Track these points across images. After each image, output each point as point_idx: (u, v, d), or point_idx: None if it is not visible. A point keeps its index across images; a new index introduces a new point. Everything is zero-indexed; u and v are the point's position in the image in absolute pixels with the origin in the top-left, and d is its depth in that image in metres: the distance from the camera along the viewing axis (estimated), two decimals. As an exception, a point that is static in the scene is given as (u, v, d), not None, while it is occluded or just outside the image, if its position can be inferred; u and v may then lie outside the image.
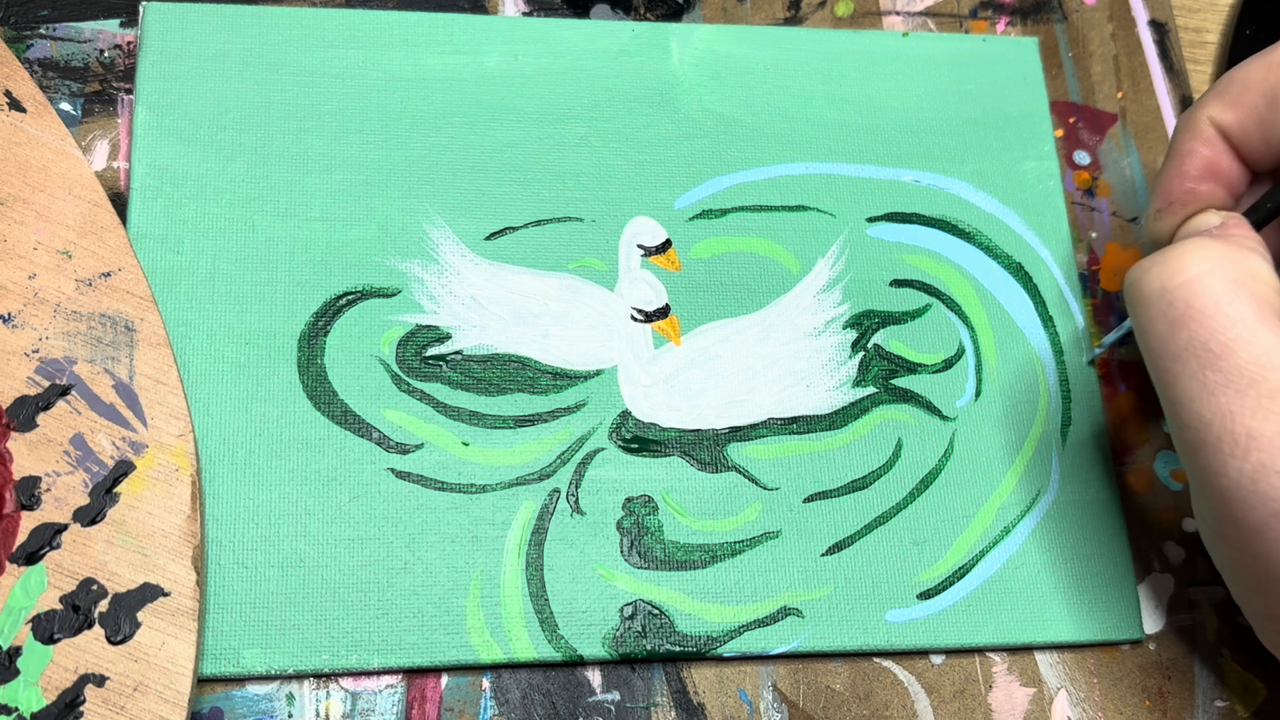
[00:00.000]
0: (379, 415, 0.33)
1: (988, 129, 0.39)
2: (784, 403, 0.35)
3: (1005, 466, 0.35)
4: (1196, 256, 0.27)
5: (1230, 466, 0.26)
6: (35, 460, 0.30)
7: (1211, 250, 0.27)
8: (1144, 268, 0.28)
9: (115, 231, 0.32)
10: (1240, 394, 0.26)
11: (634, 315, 0.35)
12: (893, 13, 0.41)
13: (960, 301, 0.37)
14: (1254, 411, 0.25)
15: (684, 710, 0.32)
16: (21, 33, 0.36)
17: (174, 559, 0.29)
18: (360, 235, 0.34)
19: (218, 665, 0.30)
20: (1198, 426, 0.26)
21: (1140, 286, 0.28)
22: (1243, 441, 0.25)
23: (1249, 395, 0.25)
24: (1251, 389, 0.25)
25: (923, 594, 0.34)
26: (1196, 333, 0.26)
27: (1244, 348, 0.26)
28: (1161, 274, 0.27)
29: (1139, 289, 0.28)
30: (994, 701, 0.33)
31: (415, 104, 0.36)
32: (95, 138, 0.35)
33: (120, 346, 0.31)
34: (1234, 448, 0.26)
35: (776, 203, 0.37)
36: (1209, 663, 0.35)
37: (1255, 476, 0.25)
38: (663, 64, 0.38)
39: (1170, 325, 0.27)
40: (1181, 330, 0.27)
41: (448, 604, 0.31)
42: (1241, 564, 0.27)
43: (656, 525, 0.33)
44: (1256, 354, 0.26)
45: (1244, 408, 0.25)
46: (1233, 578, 0.29)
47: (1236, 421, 0.25)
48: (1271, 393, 0.25)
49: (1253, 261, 0.27)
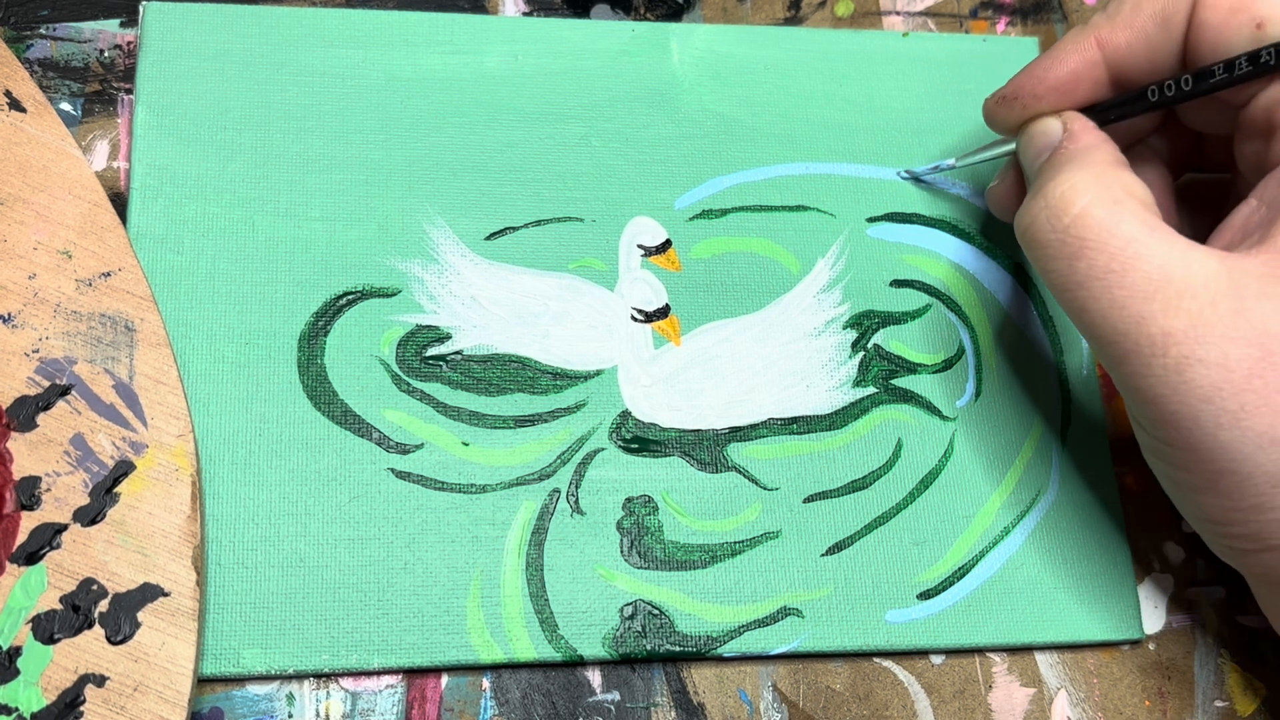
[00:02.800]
0: (379, 415, 0.33)
1: (988, 129, 0.39)
2: (784, 403, 0.35)
3: (1005, 466, 0.35)
4: (1075, 192, 0.29)
5: (1154, 365, 0.27)
6: (35, 460, 0.30)
7: (1086, 181, 0.29)
8: (1031, 214, 0.30)
9: (115, 231, 0.32)
10: (1148, 300, 0.27)
11: (634, 315, 0.35)
12: (893, 13, 0.41)
13: (960, 301, 0.37)
14: (1164, 312, 0.27)
15: (684, 710, 0.32)
16: (21, 33, 0.36)
17: (174, 559, 0.29)
18: (360, 235, 0.34)
19: (218, 665, 0.30)
20: (1116, 339, 0.28)
21: (1033, 233, 0.30)
22: (1159, 340, 0.27)
23: (1157, 299, 0.27)
24: (1158, 293, 0.27)
25: (923, 594, 0.34)
26: (1095, 259, 0.28)
27: (1143, 260, 0.28)
28: (1050, 217, 0.29)
29: (1033, 235, 0.30)
30: (994, 701, 0.33)
31: (415, 104, 0.36)
32: (95, 138, 0.35)
33: (120, 346, 0.31)
34: (1153, 347, 0.27)
35: (776, 203, 0.37)
36: (1209, 663, 0.35)
37: (1178, 368, 0.27)
38: (663, 64, 0.38)
39: (1069, 260, 0.29)
40: (1080, 261, 0.28)
41: (448, 604, 0.31)
42: (1186, 464, 0.28)
43: (656, 525, 0.33)
44: (1157, 263, 0.27)
45: (1154, 310, 0.27)
46: (1181, 485, 0.30)
47: (1150, 324, 0.27)
48: (1178, 291, 0.27)
49: (1122, 176, 0.29)
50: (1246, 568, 0.30)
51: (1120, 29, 0.31)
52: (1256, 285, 0.27)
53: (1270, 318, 0.26)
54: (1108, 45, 0.32)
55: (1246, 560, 0.30)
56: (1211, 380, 0.27)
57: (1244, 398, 0.26)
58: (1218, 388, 0.27)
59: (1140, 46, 0.31)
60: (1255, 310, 0.26)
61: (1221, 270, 0.27)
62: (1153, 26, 0.31)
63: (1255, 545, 0.29)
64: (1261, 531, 0.28)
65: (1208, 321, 0.27)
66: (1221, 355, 0.26)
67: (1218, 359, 0.27)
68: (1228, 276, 0.27)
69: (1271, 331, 0.26)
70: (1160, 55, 0.31)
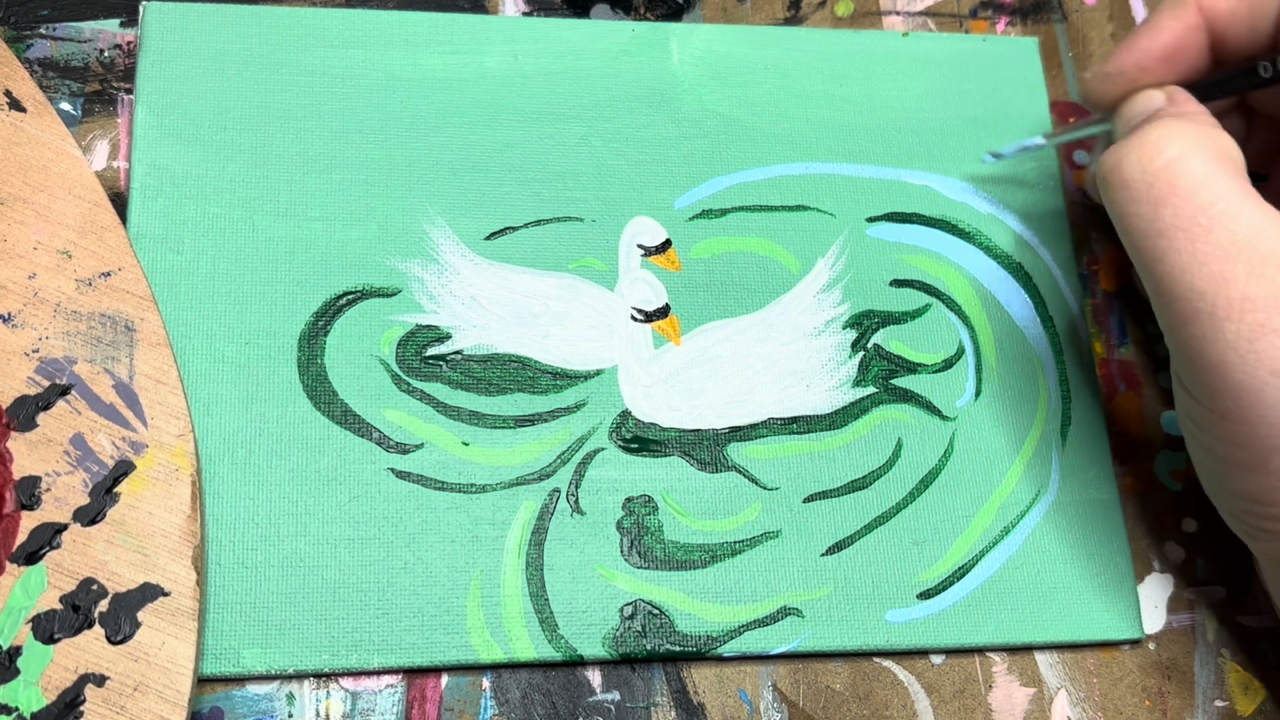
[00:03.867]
0: (379, 415, 0.33)
1: (988, 129, 0.39)
2: (784, 403, 0.35)
3: (1005, 466, 0.35)
4: (1172, 138, 0.28)
5: (1226, 329, 0.27)
6: (35, 460, 0.30)
7: (1185, 131, 0.28)
8: (1120, 153, 0.29)
9: (115, 231, 0.32)
10: (1233, 261, 0.27)
11: (634, 315, 0.35)
12: (893, 13, 0.41)
13: (960, 301, 0.37)
14: (1247, 276, 0.26)
15: (684, 710, 0.32)
16: (21, 33, 0.36)
17: (174, 559, 0.29)
18: (360, 235, 0.34)
19: (218, 665, 0.30)
20: (1190, 296, 0.27)
21: (1120, 172, 0.29)
22: (1237, 304, 0.26)
23: (1240, 261, 0.27)
24: (1243, 256, 0.27)
25: (923, 594, 0.34)
26: (1183, 208, 0.27)
27: (1232, 220, 0.27)
28: (1141, 158, 0.28)
29: (1119, 174, 0.29)
30: (994, 701, 0.33)
31: (415, 104, 0.36)
32: (95, 138, 0.35)
33: (120, 346, 0.31)
34: (1229, 311, 0.27)
35: (776, 203, 0.37)
36: (1209, 663, 0.35)
37: (1252, 336, 0.26)
38: (663, 64, 0.38)
39: (1154, 205, 0.28)
40: (1165, 208, 0.28)
41: (448, 604, 0.31)
42: (1238, 438, 0.28)
43: (656, 525, 0.33)
44: (1245, 224, 0.27)
45: (1237, 273, 0.27)
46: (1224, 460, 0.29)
47: (1231, 286, 0.27)
48: (1264, 258, 0.26)
49: (1222, 139, 0.28)
50: (1268, 551, 0.30)
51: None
52: None
53: None
54: (1209, 10, 0.31)
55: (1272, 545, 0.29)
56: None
57: None
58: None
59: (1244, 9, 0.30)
60: None
61: None
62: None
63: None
64: None
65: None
66: None
67: None
68: None
69: None
70: (1263, 21, 0.30)
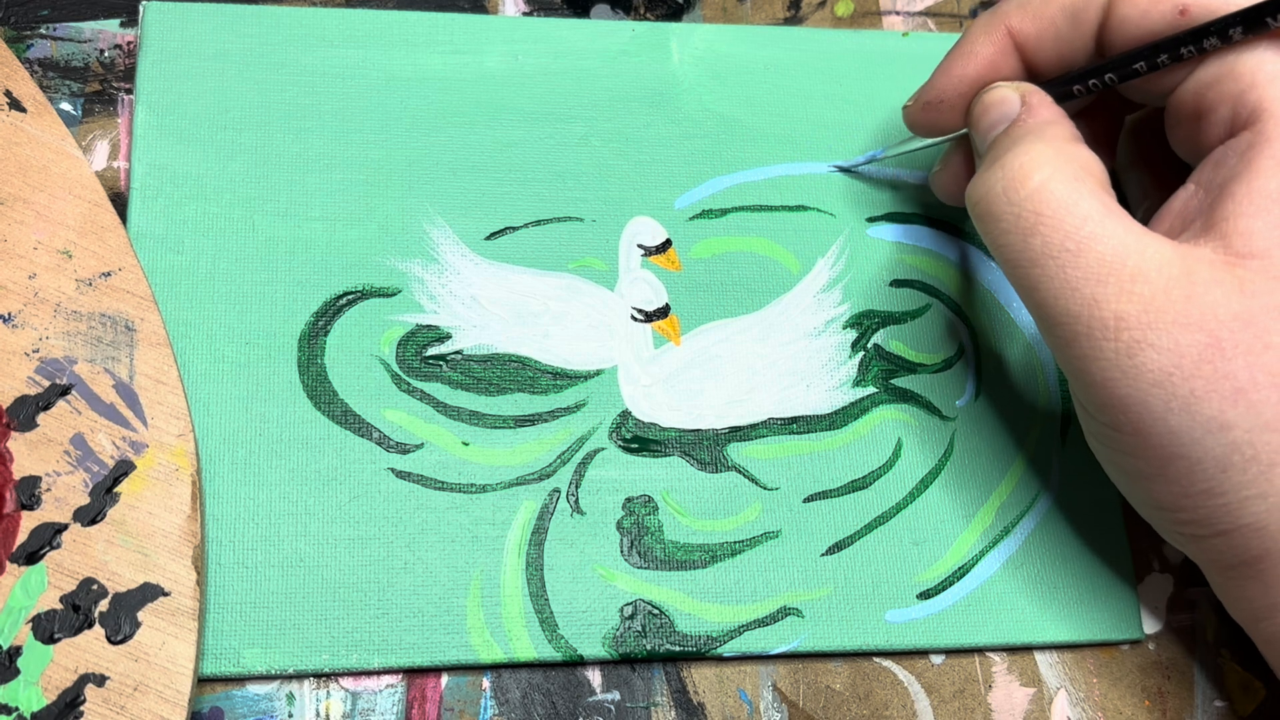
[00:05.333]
0: (379, 415, 0.33)
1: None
2: (784, 403, 0.35)
3: (1005, 466, 0.35)
4: (1033, 164, 0.28)
5: (1105, 349, 0.27)
6: (35, 460, 0.30)
7: (1045, 153, 0.29)
8: (986, 184, 0.29)
9: (115, 231, 0.32)
10: (1102, 282, 0.27)
11: (634, 315, 0.35)
12: (893, 13, 0.41)
13: (960, 301, 0.37)
14: (1118, 295, 0.27)
15: (684, 710, 0.32)
16: (21, 33, 0.36)
17: (174, 559, 0.29)
18: (360, 235, 0.34)
19: (218, 665, 0.30)
20: (1067, 320, 0.28)
21: (988, 204, 0.29)
22: (1112, 324, 0.27)
23: (1110, 282, 0.27)
24: (1112, 276, 0.27)
25: (922, 594, 0.34)
26: (1051, 237, 0.28)
27: (1098, 242, 0.27)
28: (1006, 189, 0.29)
29: (986, 207, 0.29)
30: (994, 701, 0.33)
31: (415, 104, 0.36)
32: (95, 138, 0.35)
33: (120, 346, 0.31)
34: (1105, 331, 0.27)
35: (776, 203, 0.37)
36: (1208, 663, 0.35)
37: (1130, 352, 0.27)
38: (663, 64, 0.38)
39: (1023, 235, 0.28)
40: (1034, 237, 0.28)
41: (448, 604, 0.31)
42: (1134, 449, 0.28)
43: (656, 525, 0.33)
44: (1112, 245, 0.27)
45: (1108, 293, 0.27)
46: (1129, 472, 0.29)
47: (1103, 307, 0.27)
48: (1132, 276, 0.27)
49: (1080, 153, 0.29)
50: (1198, 554, 0.30)
51: (1031, 19, 0.31)
52: (1207, 272, 0.27)
53: (1220, 305, 0.26)
54: (1017, 32, 0.31)
55: (1198, 546, 0.30)
56: (1162, 365, 0.27)
57: (1193, 383, 0.27)
58: (1168, 373, 0.27)
59: (1049, 39, 0.31)
60: (1205, 297, 0.27)
61: (1174, 256, 0.27)
62: (1063, 20, 0.31)
63: (1206, 530, 0.29)
64: (1211, 516, 0.28)
65: (1159, 307, 0.27)
66: (1173, 341, 0.27)
67: (1169, 344, 0.27)
68: (1180, 263, 0.27)
69: (1220, 319, 0.26)
70: (1069, 50, 0.31)
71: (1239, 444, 0.27)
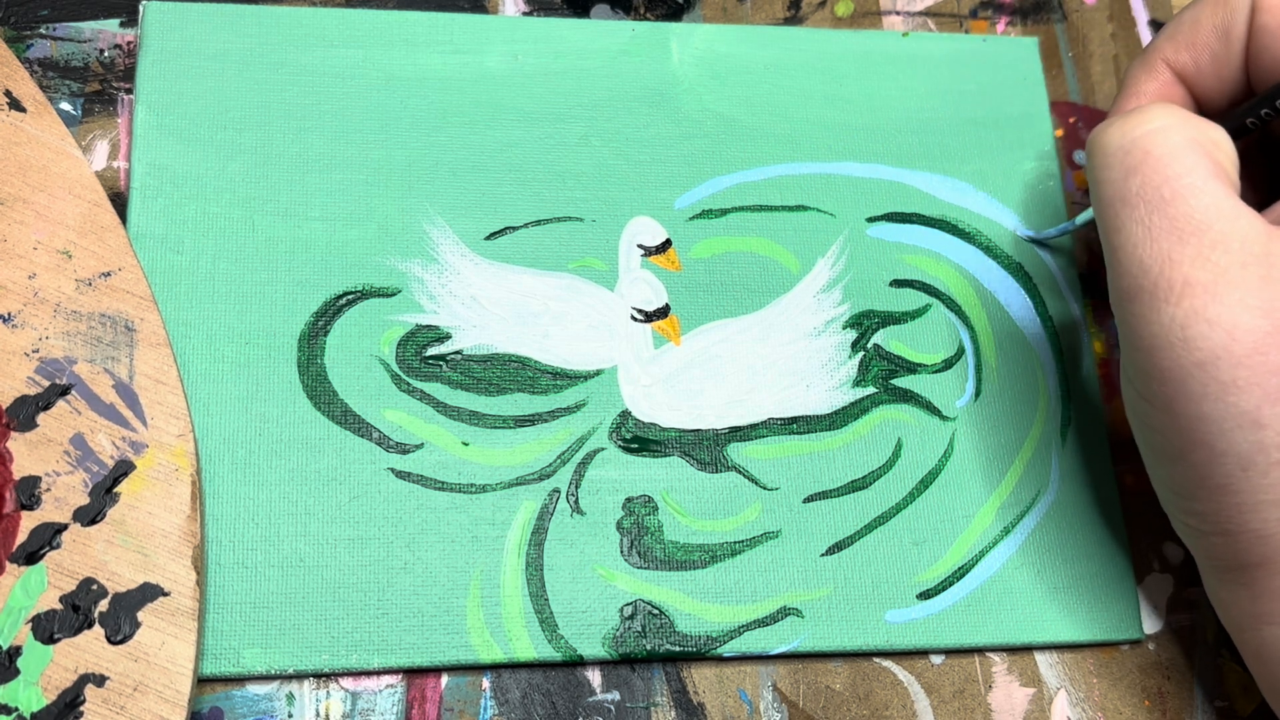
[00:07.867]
0: (379, 415, 0.33)
1: (988, 129, 0.39)
2: (784, 403, 0.35)
3: (1005, 466, 0.35)
4: (1159, 114, 0.28)
5: (1163, 312, 0.26)
6: (35, 460, 0.30)
7: (1174, 111, 0.28)
8: (1107, 123, 0.29)
9: (115, 231, 0.32)
10: (1183, 240, 0.26)
11: (634, 315, 0.35)
12: (893, 13, 0.41)
13: (960, 301, 0.37)
14: (1193, 259, 0.26)
15: (684, 710, 0.32)
16: (21, 33, 0.36)
17: (174, 559, 0.29)
18: (360, 235, 0.34)
19: (218, 665, 0.30)
20: (1137, 272, 0.27)
21: (1101, 138, 0.29)
22: (1178, 287, 0.26)
23: (1190, 243, 0.26)
24: (1194, 236, 0.26)
25: (922, 594, 0.34)
26: (1149, 178, 0.27)
27: (1193, 196, 0.26)
28: (1124, 126, 0.28)
29: (1100, 140, 0.29)
30: (994, 701, 0.33)
31: (415, 104, 0.36)
32: (95, 138, 0.35)
33: (120, 346, 0.31)
34: (1169, 293, 0.26)
35: (776, 203, 0.37)
36: (1208, 663, 0.35)
37: (1185, 323, 0.26)
38: (663, 64, 0.38)
39: (1125, 171, 0.28)
40: (1135, 176, 0.27)
41: (448, 604, 0.31)
42: (1162, 426, 0.28)
43: (656, 525, 0.33)
44: (1204, 204, 0.26)
45: (1184, 254, 0.26)
46: (1154, 448, 0.29)
47: (1175, 268, 0.26)
48: (1213, 243, 0.26)
49: (1215, 131, 0.28)
50: (1198, 549, 0.30)
51: (1184, 48, 0.31)
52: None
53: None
54: (1175, 65, 0.31)
55: (1200, 541, 0.29)
56: (1213, 345, 0.26)
57: (1238, 371, 0.26)
58: (1216, 355, 0.26)
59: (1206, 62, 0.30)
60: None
61: (1262, 235, 0.26)
62: (1216, 41, 0.30)
63: (1211, 528, 0.28)
64: (1220, 513, 0.28)
65: (1230, 281, 0.26)
66: (1232, 321, 0.26)
67: (1228, 323, 0.26)
68: (1265, 244, 0.26)
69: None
70: (1228, 70, 0.30)
71: (1267, 446, 0.26)
